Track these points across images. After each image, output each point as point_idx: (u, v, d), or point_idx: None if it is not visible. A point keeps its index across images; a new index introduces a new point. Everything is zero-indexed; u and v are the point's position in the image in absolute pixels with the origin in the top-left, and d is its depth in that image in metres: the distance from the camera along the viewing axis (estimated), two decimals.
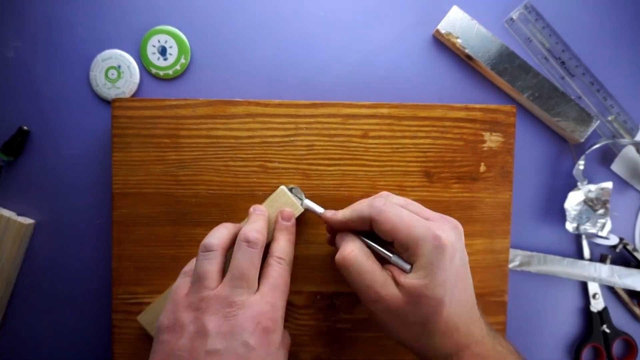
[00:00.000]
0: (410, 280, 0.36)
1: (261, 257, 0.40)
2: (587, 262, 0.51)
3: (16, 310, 0.52)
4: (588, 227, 0.49)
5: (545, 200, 0.52)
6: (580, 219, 0.50)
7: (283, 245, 0.42)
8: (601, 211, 0.49)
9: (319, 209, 0.44)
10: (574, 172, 0.50)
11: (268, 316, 0.37)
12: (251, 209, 0.44)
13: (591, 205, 0.50)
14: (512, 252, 0.51)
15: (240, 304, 0.37)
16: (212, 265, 0.39)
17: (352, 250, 0.38)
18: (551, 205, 0.52)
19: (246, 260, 0.38)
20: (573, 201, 0.50)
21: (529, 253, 0.51)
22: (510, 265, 0.51)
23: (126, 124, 0.48)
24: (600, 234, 0.49)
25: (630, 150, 0.51)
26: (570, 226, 0.49)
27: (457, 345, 0.37)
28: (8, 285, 0.51)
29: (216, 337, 0.35)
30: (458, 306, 0.36)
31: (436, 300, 0.35)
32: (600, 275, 0.51)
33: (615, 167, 0.52)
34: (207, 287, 0.38)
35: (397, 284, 0.37)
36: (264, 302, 0.37)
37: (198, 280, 0.38)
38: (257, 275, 0.39)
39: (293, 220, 0.44)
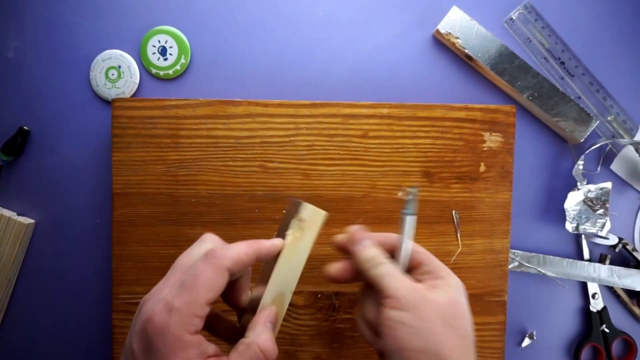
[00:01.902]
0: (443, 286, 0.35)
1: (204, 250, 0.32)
2: (586, 263, 0.51)
3: (16, 310, 0.52)
4: (587, 227, 0.49)
5: (545, 200, 0.52)
6: (579, 218, 0.50)
7: (234, 245, 0.33)
8: (600, 211, 0.49)
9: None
10: (574, 172, 0.50)
11: (151, 317, 0.29)
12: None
13: (590, 205, 0.50)
14: (512, 253, 0.51)
15: (148, 296, 0.31)
16: None
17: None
18: (551, 205, 0.52)
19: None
20: (573, 201, 0.50)
21: (528, 254, 0.51)
22: (510, 266, 0.51)
23: (126, 124, 0.48)
24: (599, 233, 0.50)
25: (630, 150, 0.51)
26: (569, 226, 0.50)
27: None
28: (8, 285, 0.51)
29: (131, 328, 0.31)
30: None
31: (468, 314, 0.35)
32: (600, 275, 0.51)
33: (614, 167, 0.52)
34: None
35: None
36: (160, 299, 0.30)
37: None
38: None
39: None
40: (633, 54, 0.52)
